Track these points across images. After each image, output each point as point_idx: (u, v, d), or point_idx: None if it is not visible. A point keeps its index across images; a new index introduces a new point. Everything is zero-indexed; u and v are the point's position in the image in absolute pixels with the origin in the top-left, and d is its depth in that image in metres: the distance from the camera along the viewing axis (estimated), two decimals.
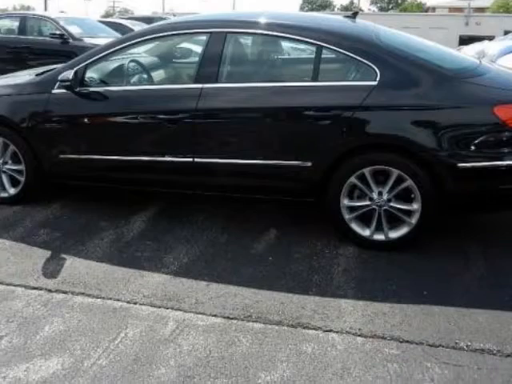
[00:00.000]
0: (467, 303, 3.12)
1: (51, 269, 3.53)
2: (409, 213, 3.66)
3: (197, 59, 4.14)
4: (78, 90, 4.16)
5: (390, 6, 77.48)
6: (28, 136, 4.36)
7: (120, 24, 15.90)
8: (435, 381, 2.48)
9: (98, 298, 3.20)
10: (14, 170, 4.54)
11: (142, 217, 4.39)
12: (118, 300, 3.17)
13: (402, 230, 3.71)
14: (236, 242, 3.94)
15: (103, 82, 4.36)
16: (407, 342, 2.77)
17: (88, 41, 10.80)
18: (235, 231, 4.12)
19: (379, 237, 3.76)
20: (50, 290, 3.27)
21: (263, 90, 3.87)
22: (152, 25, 4.75)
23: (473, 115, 3.51)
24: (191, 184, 4.15)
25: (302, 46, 4.63)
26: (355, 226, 3.80)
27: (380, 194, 3.67)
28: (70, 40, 10.86)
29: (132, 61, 4.67)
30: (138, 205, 4.62)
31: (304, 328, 2.89)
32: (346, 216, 3.78)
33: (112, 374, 2.53)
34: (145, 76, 4.72)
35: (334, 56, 3.89)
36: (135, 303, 3.14)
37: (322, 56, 3.80)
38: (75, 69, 4.13)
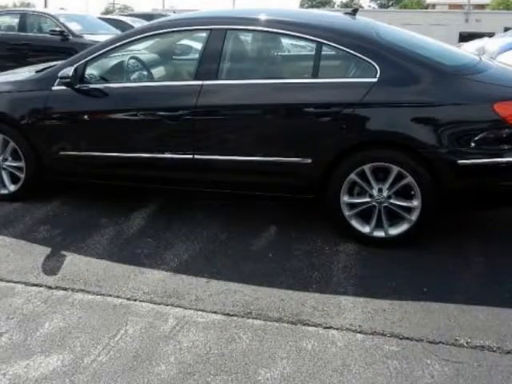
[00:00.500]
0: (467, 300, 3.12)
1: (51, 265, 3.54)
2: (409, 210, 3.66)
3: (197, 56, 4.13)
4: (77, 86, 4.15)
5: (390, 3, 77.28)
6: (28, 133, 4.35)
7: (120, 21, 15.90)
8: (435, 377, 2.49)
9: (97, 294, 3.20)
10: (14, 166, 4.54)
11: (141, 214, 4.39)
12: (118, 297, 3.17)
13: (402, 227, 3.71)
14: (236, 238, 3.94)
15: (103, 79, 4.36)
16: (407, 338, 2.77)
17: (88, 38, 10.79)
18: (235, 228, 4.12)
19: (379, 234, 3.76)
20: (50, 287, 3.27)
21: (263, 86, 3.87)
22: (152, 22, 4.75)
23: (473, 112, 3.50)
24: (191, 181, 4.15)
25: (302, 43, 4.63)
26: (355, 223, 3.80)
27: (380, 190, 3.67)
28: (70, 37, 10.85)
29: (132, 58, 4.67)
30: (137, 202, 4.62)
31: (304, 325, 2.90)
32: (346, 213, 3.78)
33: (112, 370, 2.53)
34: (145, 73, 4.71)
35: (334, 53, 3.89)
36: (135, 300, 3.14)
37: (322, 53, 3.79)
38: (75, 66, 4.12)
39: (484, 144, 3.49)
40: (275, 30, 3.99)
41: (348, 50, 3.71)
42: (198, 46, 4.27)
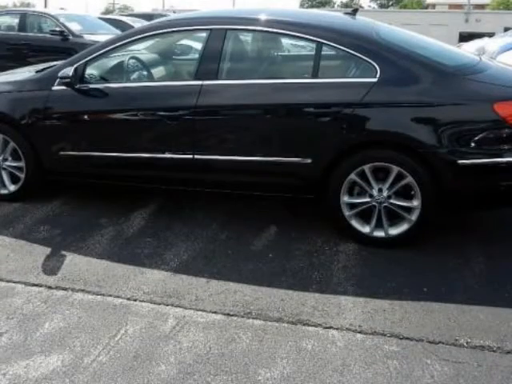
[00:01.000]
0: (467, 300, 3.12)
1: (51, 265, 3.54)
2: (409, 210, 3.65)
3: (197, 56, 4.14)
4: (77, 86, 4.15)
5: (390, 3, 77.29)
6: (28, 133, 4.35)
7: (120, 21, 15.92)
8: (435, 377, 2.49)
9: (98, 294, 3.20)
10: (14, 166, 4.54)
11: (141, 214, 4.39)
12: (118, 297, 3.17)
13: (402, 227, 3.71)
14: (236, 238, 3.94)
15: (103, 79, 4.36)
16: (407, 338, 2.77)
17: (88, 38, 10.79)
18: (235, 228, 4.12)
19: (379, 234, 3.75)
20: (50, 287, 3.27)
21: (263, 86, 3.87)
22: (152, 22, 4.75)
23: (473, 112, 3.50)
24: (191, 181, 4.15)
25: (302, 43, 4.63)
26: (355, 223, 3.80)
27: (380, 190, 3.67)
28: (70, 37, 10.86)
29: (132, 58, 4.66)
30: (137, 202, 4.61)
31: (304, 325, 2.89)
32: (346, 213, 3.78)
33: (112, 370, 2.53)
34: (145, 73, 4.71)
35: (333, 53, 3.89)
36: (135, 300, 3.14)
37: (322, 53, 3.79)
38: (75, 66, 4.13)
39: (484, 144, 3.49)
40: (275, 30, 4.00)
41: (348, 49, 3.71)
42: (198, 46, 4.27)
